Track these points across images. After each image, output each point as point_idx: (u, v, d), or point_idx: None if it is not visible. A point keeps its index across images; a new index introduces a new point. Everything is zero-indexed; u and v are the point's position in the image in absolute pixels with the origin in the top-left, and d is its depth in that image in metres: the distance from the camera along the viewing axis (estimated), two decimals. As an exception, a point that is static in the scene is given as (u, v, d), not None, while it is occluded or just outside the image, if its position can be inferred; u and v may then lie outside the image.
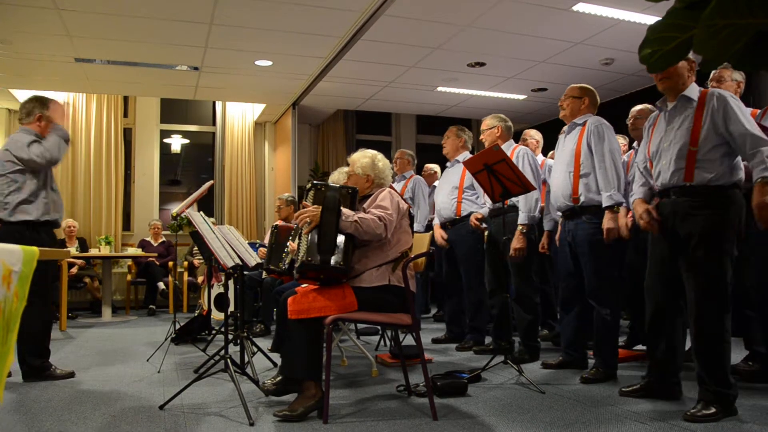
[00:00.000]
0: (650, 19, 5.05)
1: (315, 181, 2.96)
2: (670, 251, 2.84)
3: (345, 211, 2.84)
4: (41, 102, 3.80)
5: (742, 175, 2.73)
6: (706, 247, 2.68)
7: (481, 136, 4.39)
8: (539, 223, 4.24)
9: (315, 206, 2.83)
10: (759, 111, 3.56)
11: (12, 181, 3.60)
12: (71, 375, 3.72)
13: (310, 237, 2.82)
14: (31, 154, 3.55)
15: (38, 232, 3.63)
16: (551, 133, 5.50)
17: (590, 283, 3.49)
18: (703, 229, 2.69)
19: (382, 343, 4.76)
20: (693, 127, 2.74)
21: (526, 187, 3.52)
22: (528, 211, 4.00)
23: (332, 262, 2.80)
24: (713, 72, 3.65)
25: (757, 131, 2.63)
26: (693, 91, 2.82)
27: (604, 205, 3.35)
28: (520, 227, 3.96)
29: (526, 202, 3.99)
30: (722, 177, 2.69)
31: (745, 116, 2.66)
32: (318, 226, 2.80)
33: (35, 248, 1.44)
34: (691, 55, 0.86)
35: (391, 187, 3.28)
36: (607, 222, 3.31)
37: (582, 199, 3.47)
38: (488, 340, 4.58)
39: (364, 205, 3.02)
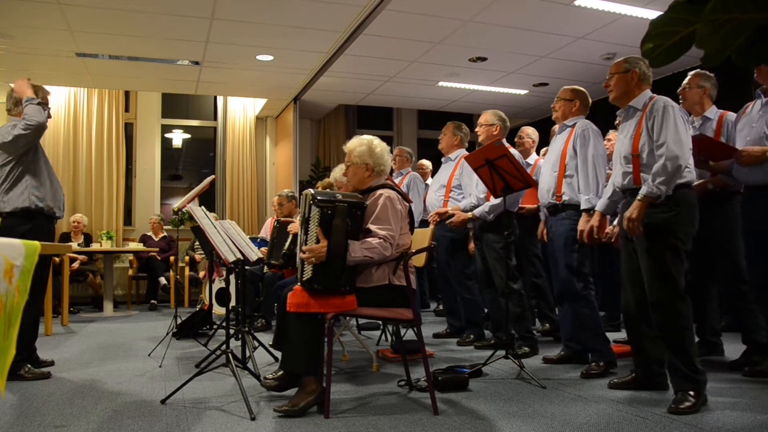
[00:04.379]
0: (652, 14, 5.04)
1: (320, 199, 2.80)
2: (631, 250, 2.99)
3: (352, 246, 2.78)
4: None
5: (690, 176, 2.85)
6: (649, 243, 2.83)
7: (477, 129, 4.36)
8: (522, 221, 4.40)
9: (321, 244, 2.74)
10: (730, 112, 3.64)
11: (3, 172, 3.52)
12: (46, 376, 3.54)
13: (314, 265, 2.77)
14: (16, 131, 3.44)
15: (31, 223, 3.55)
16: (552, 129, 5.49)
17: (563, 275, 3.57)
18: (649, 227, 2.82)
19: (383, 338, 4.77)
20: (634, 134, 2.93)
21: (527, 183, 3.55)
22: (487, 210, 4.08)
23: (337, 286, 2.79)
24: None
25: (669, 142, 2.74)
26: (640, 100, 2.99)
27: (582, 207, 3.43)
28: (470, 214, 4.18)
29: (492, 205, 4.07)
30: None
31: (669, 127, 2.78)
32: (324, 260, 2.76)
33: (37, 243, 1.44)
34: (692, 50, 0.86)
35: (390, 180, 3.26)
36: (582, 223, 3.39)
37: (564, 197, 3.57)
38: (489, 334, 4.59)
39: (366, 203, 2.98)
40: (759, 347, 3.46)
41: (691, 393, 2.68)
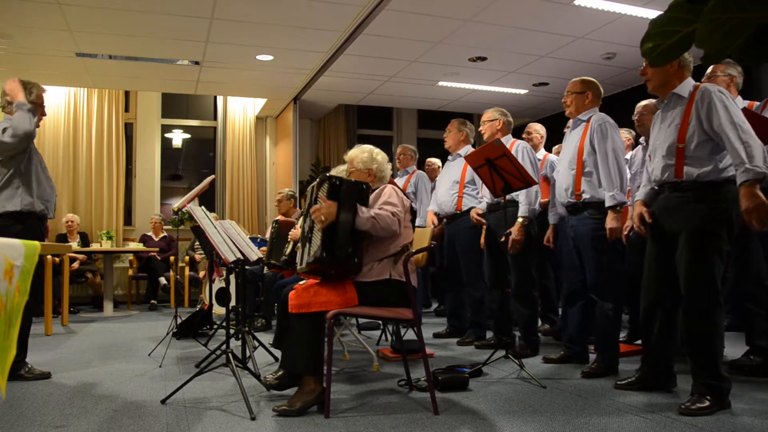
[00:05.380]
0: (652, 13, 5.04)
1: (329, 174, 2.92)
2: (664, 246, 2.88)
3: (361, 207, 2.83)
4: (24, 87, 3.57)
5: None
6: (693, 242, 2.70)
7: (481, 128, 4.36)
8: (540, 218, 4.25)
9: (330, 202, 2.80)
10: (758, 103, 3.52)
11: None
12: (46, 376, 3.52)
13: (323, 232, 2.80)
14: (3, 138, 3.35)
15: (24, 224, 3.48)
16: (552, 128, 5.50)
17: (592, 277, 3.49)
18: (690, 224, 2.71)
19: (383, 337, 4.77)
20: (681, 123, 2.77)
21: (527, 182, 3.53)
22: (529, 204, 3.99)
23: (346, 258, 2.79)
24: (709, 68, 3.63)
25: (737, 126, 2.59)
26: (684, 88, 2.83)
27: (606, 204, 3.33)
28: (521, 219, 3.95)
29: (527, 195, 3.98)
30: (712, 173, 2.69)
31: (728, 110, 2.63)
32: (333, 222, 2.79)
33: (37, 243, 1.44)
34: (692, 50, 0.86)
35: (392, 182, 3.28)
36: (610, 222, 3.31)
37: (585, 195, 3.46)
38: (489, 334, 4.59)
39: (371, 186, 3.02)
40: (760, 351, 3.43)
41: (708, 397, 2.64)
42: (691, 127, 2.73)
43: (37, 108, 3.63)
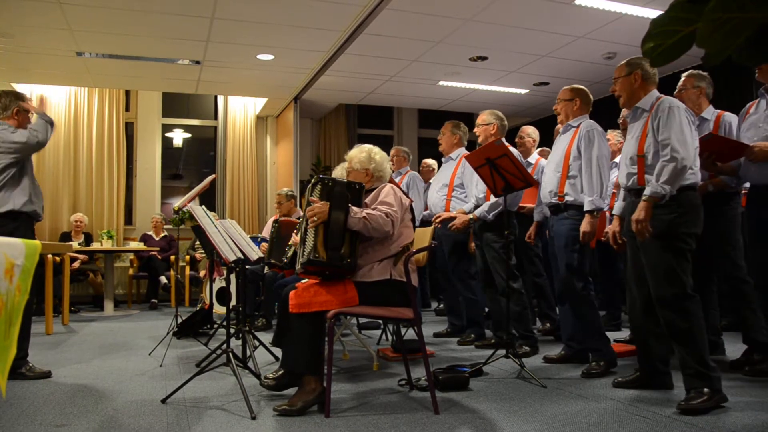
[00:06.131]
0: (653, 13, 5.04)
1: (321, 176, 2.95)
2: (636, 249, 2.99)
3: (353, 207, 2.84)
4: (16, 95, 3.69)
5: (695, 178, 2.83)
6: (655, 245, 2.82)
7: (476, 130, 4.38)
8: (521, 220, 4.43)
9: (322, 202, 2.82)
10: (728, 113, 3.63)
11: None
12: (47, 375, 3.52)
13: (316, 233, 2.81)
14: (20, 137, 3.47)
15: (18, 223, 3.49)
16: (553, 128, 5.49)
17: (563, 275, 3.58)
18: (651, 228, 2.81)
19: (383, 337, 4.77)
20: (641, 135, 2.93)
21: (528, 182, 3.55)
22: (486, 210, 4.11)
23: (339, 258, 2.79)
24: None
25: (669, 143, 2.76)
26: (647, 101, 2.98)
27: (585, 208, 3.43)
28: (470, 216, 4.19)
29: (492, 204, 4.08)
30: None
31: (670, 127, 2.79)
32: (325, 222, 2.80)
33: (37, 242, 1.44)
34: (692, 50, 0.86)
35: (392, 181, 3.28)
36: (584, 225, 3.41)
37: (567, 197, 3.55)
38: (489, 334, 4.59)
39: (366, 200, 3.01)
40: (760, 346, 3.45)
41: (705, 390, 2.66)
42: (648, 138, 2.89)
43: (26, 114, 3.70)
